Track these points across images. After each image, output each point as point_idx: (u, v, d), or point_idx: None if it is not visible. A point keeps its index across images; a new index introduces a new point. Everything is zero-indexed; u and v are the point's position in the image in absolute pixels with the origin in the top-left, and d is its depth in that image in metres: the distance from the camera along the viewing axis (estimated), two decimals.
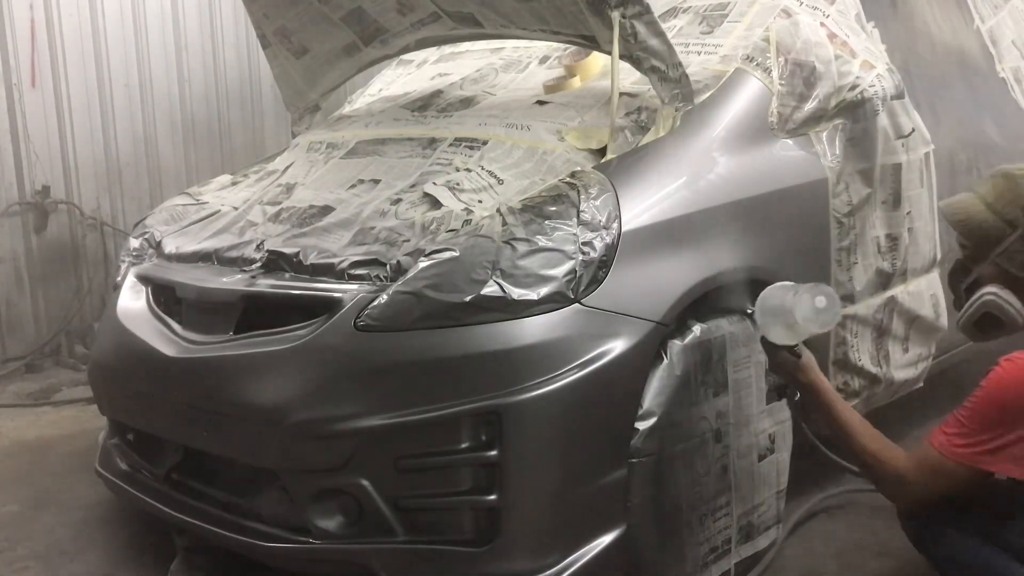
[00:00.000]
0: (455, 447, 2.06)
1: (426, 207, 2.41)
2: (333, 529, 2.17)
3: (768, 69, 2.62)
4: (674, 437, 2.19)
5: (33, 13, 4.88)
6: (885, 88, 2.80)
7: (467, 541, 2.09)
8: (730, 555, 2.40)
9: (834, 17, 2.87)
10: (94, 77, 5.12)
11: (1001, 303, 2.01)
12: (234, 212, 2.88)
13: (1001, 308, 2.01)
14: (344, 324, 2.15)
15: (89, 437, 3.44)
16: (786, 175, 2.59)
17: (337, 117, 3.48)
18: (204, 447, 2.43)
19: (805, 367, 2.17)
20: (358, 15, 3.10)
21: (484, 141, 2.64)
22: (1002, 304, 2.01)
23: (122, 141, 5.25)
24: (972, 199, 2.10)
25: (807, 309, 2.08)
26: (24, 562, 2.80)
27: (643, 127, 2.51)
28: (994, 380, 1.90)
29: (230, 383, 2.30)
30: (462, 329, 2.08)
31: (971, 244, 2.10)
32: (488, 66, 3.27)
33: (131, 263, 2.93)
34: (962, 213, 2.10)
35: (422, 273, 2.12)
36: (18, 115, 4.85)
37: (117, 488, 2.75)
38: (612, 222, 2.19)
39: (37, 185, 4.94)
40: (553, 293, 2.09)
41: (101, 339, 2.98)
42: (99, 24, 5.11)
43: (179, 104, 5.47)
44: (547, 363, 2.06)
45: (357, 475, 2.10)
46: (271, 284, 2.38)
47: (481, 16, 2.79)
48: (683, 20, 2.89)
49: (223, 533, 2.35)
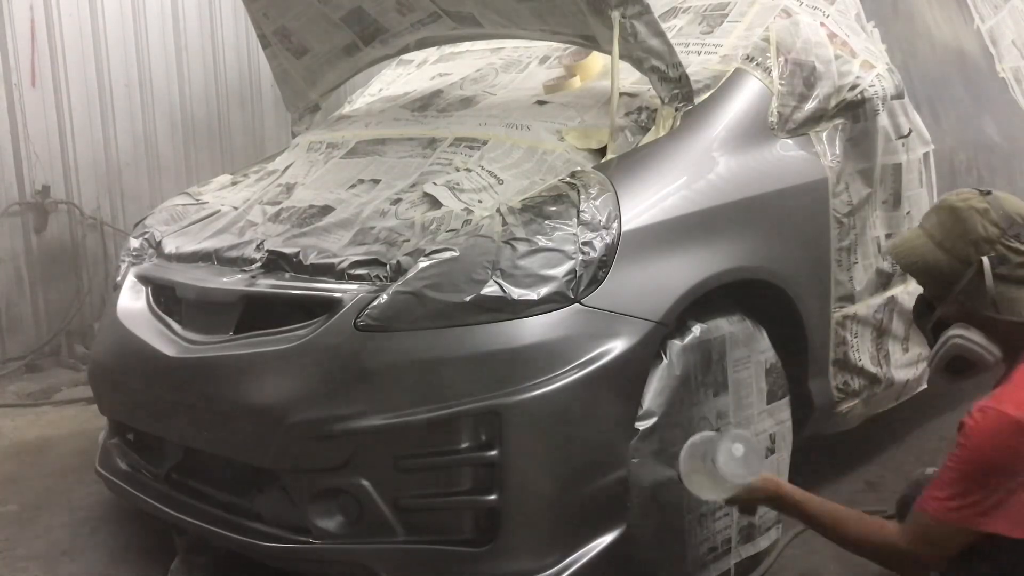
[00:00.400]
0: (455, 447, 2.05)
1: (426, 207, 2.41)
2: (333, 529, 2.17)
3: (768, 69, 2.62)
4: (674, 437, 2.19)
5: (33, 13, 4.88)
6: (885, 88, 2.80)
7: (467, 541, 2.09)
8: (730, 555, 2.40)
9: (834, 17, 2.87)
10: (94, 77, 5.12)
11: (969, 345, 1.88)
12: (234, 212, 2.88)
13: (970, 350, 1.88)
14: (344, 324, 2.15)
15: (89, 437, 3.44)
16: (786, 175, 2.59)
17: (337, 117, 3.48)
18: (204, 447, 2.43)
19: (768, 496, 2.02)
20: (358, 15, 3.10)
21: (484, 141, 2.64)
22: (970, 346, 1.88)
23: (122, 141, 5.25)
24: (920, 238, 1.96)
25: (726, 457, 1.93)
26: (24, 562, 2.80)
27: (643, 127, 2.51)
28: (972, 435, 1.76)
29: (230, 383, 2.30)
30: (462, 329, 2.08)
31: (928, 285, 1.98)
32: (488, 66, 3.27)
33: (131, 263, 2.93)
34: (913, 255, 1.96)
35: (422, 273, 2.12)
36: (18, 115, 4.85)
37: (117, 488, 2.75)
38: (612, 222, 2.19)
39: (37, 185, 4.94)
40: (553, 293, 2.09)
41: (101, 339, 2.98)
42: (99, 24, 5.11)
43: (179, 104, 5.47)
44: (547, 363, 2.06)
45: (357, 475, 2.10)
46: (271, 284, 2.37)
47: (481, 16, 2.79)
48: (683, 20, 2.89)
49: (223, 533, 2.35)
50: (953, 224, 1.91)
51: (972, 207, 1.90)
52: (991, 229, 1.87)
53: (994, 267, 1.85)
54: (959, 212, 1.91)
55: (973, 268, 1.86)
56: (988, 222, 1.87)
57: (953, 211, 1.92)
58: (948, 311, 1.93)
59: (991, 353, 1.88)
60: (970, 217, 1.89)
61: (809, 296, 2.59)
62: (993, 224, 1.87)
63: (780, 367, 2.51)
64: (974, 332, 1.88)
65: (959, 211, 1.91)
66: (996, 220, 1.87)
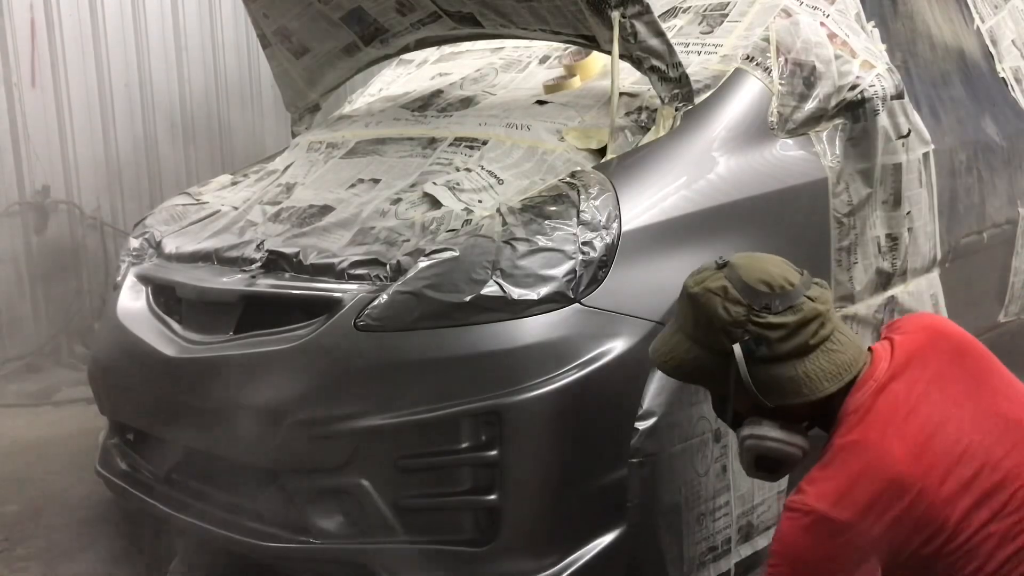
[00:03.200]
0: (455, 447, 2.06)
1: (426, 207, 2.41)
2: (333, 529, 2.17)
3: (768, 69, 2.62)
4: (674, 437, 2.19)
5: (33, 13, 4.88)
6: (885, 88, 2.80)
7: (467, 541, 2.09)
8: (730, 555, 2.40)
9: (834, 17, 2.87)
10: (94, 77, 5.12)
11: (764, 444, 1.64)
12: (234, 212, 2.88)
13: (767, 448, 1.64)
14: (344, 324, 2.15)
15: (89, 437, 3.43)
16: (786, 175, 2.59)
17: (337, 117, 3.48)
18: (204, 447, 2.43)
19: None
20: (358, 15, 3.10)
21: (484, 141, 2.64)
22: (765, 444, 1.64)
23: (122, 141, 5.25)
24: (676, 336, 1.71)
25: None
26: (24, 562, 2.80)
27: (643, 127, 2.51)
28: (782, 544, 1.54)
29: (230, 383, 2.30)
30: (462, 329, 2.08)
31: (705, 385, 1.73)
32: (488, 66, 3.27)
33: (131, 263, 2.93)
34: (673, 359, 1.70)
35: (422, 273, 2.12)
36: (18, 115, 4.85)
37: (117, 488, 2.75)
38: (612, 222, 2.19)
39: (37, 185, 4.94)
40: (553, 293, 2.09)
41: (101, 339, 2.98)
42: (99, 24, 5.11)
43: (179, 104, 5.47)
44: (547, 363, 2.06)
45: (357, 475, 2.10)
46: (271, 284, 2.38)
47: (481, 16, 2.79)
48: (683, 20, 2.89)
49: (223, 533, 2.34)
50: (696, 314, 1.65)
51: (708, 290, 1.64)
52: (735, 310, 1.60)
53: (751, 352, 1.59)
54: (697, 300, 1.65)
55: (735, 359, 1.59)
56: (729, 302, 1.61)
57: (691, 299, 1.67)
58: (737, 407, 1.68)
59: (793, 445, 1.64)
60: (708, 302, 1.63)
61: None
62: (735, 303, 1.61)
63: None
64: (767, 427, 1.64)
65: (697, 299, 1.65)
66: (737, 297, 1.61)
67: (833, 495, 1.50)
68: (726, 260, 1.68)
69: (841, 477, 1.52)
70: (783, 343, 1.59)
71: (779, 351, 1.59)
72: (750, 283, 1.61)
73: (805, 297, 1.62)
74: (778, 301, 1.60)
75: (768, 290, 1.61)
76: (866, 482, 1.50)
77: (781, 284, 1.62)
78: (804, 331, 1.60)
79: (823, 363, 1.61)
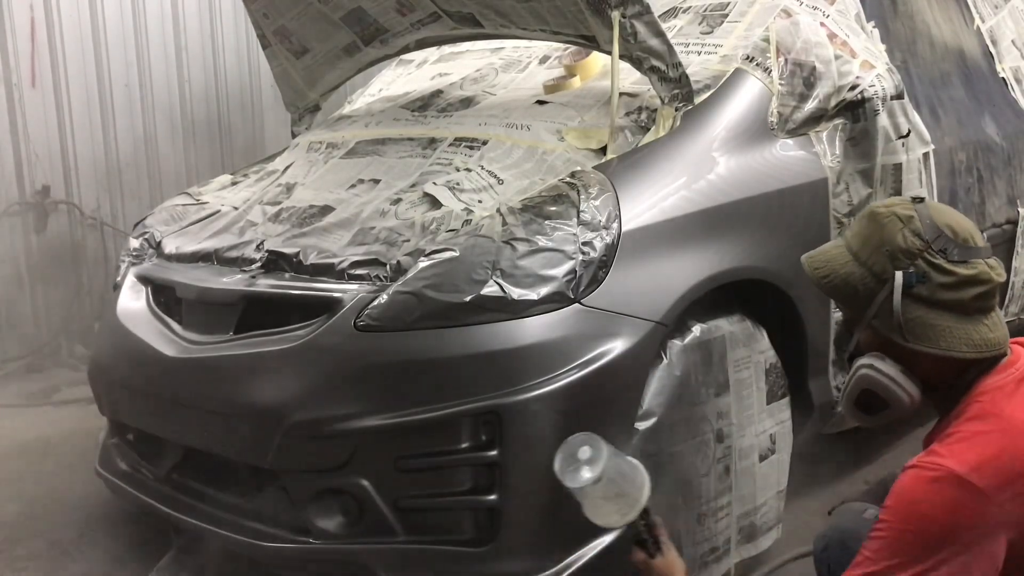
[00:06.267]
0: (455, 447, 2.05)
1: (426, 207, 2.41)
2: (333, 529, 2.17)
3: (768, 69, 2.62)
4: (674, 437, 2.19)
5: (33, 13, 4.88)
6: (885, 88, 2.80)
7: (467, 541, 2.09)
8: (730, 555, 2.40)
9: (834, 17, 2.87)
10: (94, 77, 5.12)
11: (878, 377, 1.58)
12: (234, 212, 2.88)
13: (878, 383, 1.58)
14: (344, 324, 2.15)
15: (89, 437, 3.43)
16: (786, 175, 2.59)
17: (337, 117, 3.48)
18: (204, 447, 2.43)
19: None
20: (358, 15, 3.10)
21: (484, 141, 2.64)
22: (879, 379, 1.58)
23: (122, 141, 5.25)
24: (837, 248, 1.67)
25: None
26: (24, 562, 2.80)
27: (643, 127, 2.51)
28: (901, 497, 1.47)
29: (230, 383, 2.30)
30: (462, 329, 2.08)
31: (843, 305, 1.68)
32: (488, 66, 3.27)
33: (131, 263, 2.93)
34: (825, 268, 1.65)
35: (422, 273, 2.12)
36: (18, 115, 4.85)
37: (117, 488, 2.75)
38: (612, 222, 2.19)
39: (37, 185, 4.94)
40: (553, 293, 2.09)
41: (101, 339, 2.98)
42: (99, 24, 5.11)
43: (179, 104, 5.47)
44: (547, 363, 2.05)
45: (357, 475, 2.10)
46: (271, 284, 2.38)
47: (481, 16, 2.79)
48: (683, 20, 2.89)
49: (223, 533, 2.34)
50: (871, 232, 1.61)
51: (894, 213, 1.60)
52: (912, 240, 1.56)
53: (911, 285, 1.55)
54: (879, 218, 1.61)
55: (887, 286, 1.56)
56: (910, 231, 1.57)
57: (873, 218, 1.62)
58: (864, 338, 1.63)
59: (906, 391, 1.58)
60: (890, 224, 1.59)
61: (809, 296, 2.58)
62: (915, 234, 1.56)
63: (780, 367, 2.50)
64: (889, 364, 1.59)
65: (879, 217, 1.61)
66: (920, 230, 1.57)
67: (974, 460, 1.45)
68: (922, 197, 1.67)
69: (981, 447, 1.46)
70: (943, 291, 1.55)
71: (937, 297, 1.55)
72: (937, 223, 1.58)
73: (983, 260, 1.58)
74: (957, 250, 1.56)
75: (952, 235, 1.57)
76: (1007, 458, 1.45)
77: (965, 237, 1.58)
78: (967, 290, 1.56)
79: (971, 330, 1.56)
